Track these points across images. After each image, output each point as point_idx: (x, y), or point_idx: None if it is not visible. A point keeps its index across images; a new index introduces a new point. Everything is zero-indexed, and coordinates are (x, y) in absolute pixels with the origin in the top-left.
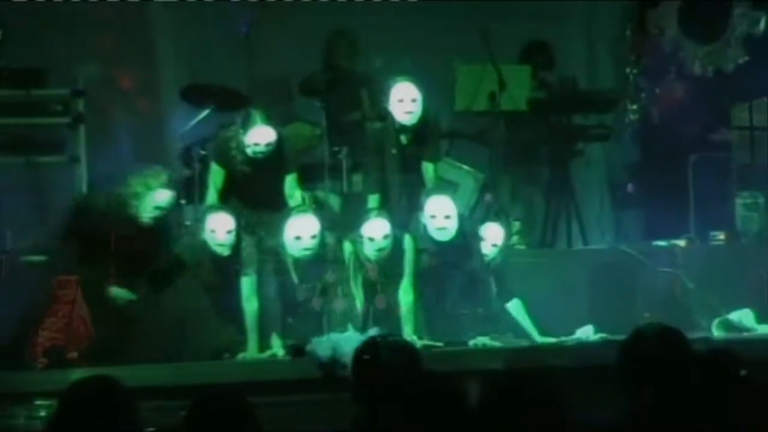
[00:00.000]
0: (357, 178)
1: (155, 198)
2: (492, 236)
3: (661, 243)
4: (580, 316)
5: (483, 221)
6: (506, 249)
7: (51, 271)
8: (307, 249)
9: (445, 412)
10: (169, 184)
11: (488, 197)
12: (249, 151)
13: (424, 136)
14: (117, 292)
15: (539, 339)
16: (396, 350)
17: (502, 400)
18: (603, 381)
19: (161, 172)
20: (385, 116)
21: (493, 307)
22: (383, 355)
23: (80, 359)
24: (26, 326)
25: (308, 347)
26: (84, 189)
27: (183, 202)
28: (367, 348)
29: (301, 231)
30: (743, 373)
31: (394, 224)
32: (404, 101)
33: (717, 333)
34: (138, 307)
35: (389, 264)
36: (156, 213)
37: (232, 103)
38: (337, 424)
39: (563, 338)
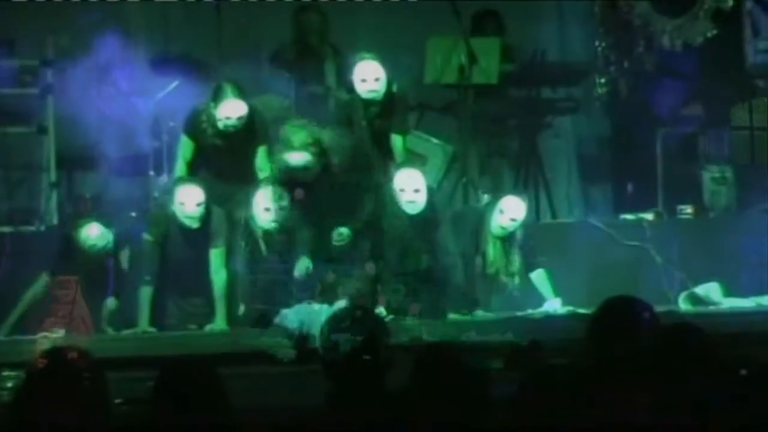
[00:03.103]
0: None
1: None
2: (511, 210)
3: (629, 216)
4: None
5: (451, 194)
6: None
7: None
8: (275, 221)
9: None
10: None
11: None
12: (220, 124)
13: (391, 109)
14: None
15: (560, 310)
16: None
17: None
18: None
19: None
20: (352, 89)
21: (459, 279)
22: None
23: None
24: None
25: (276, 319)
26: (52, 160)
27: (152, 173)
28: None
29: (270, 203)
30: (743, 372)
31: None
32: (367, 81)
33: (684, 306)
34: None
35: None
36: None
37: (202, 75)
38: (306, 395)
39: (530, 311)
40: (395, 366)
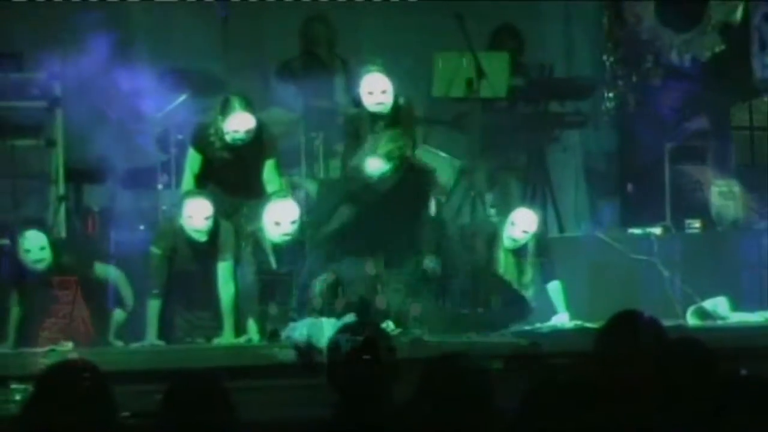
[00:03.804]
0: (333, 163)
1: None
2: (522, 222)
3: (637, 231)
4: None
5: (459, 208)
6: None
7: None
8: (286, 234)
9: None
10: None
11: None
12: (228, 137)
13: (398, 123)
14: None
15: (567, 324)
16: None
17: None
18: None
19: None
20: (360, 102)
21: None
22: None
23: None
24: None
25: (284, 332)
26: (61, 173)
27: (160, 186)
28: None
29: (280, 216)
30: (744, 372)
31: None
32: (374, 93)
33: (692, 321)
34: None
35: None
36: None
37: (209, 88)
38: (314, 409)
39: (538, 325)
40: (397, 369)
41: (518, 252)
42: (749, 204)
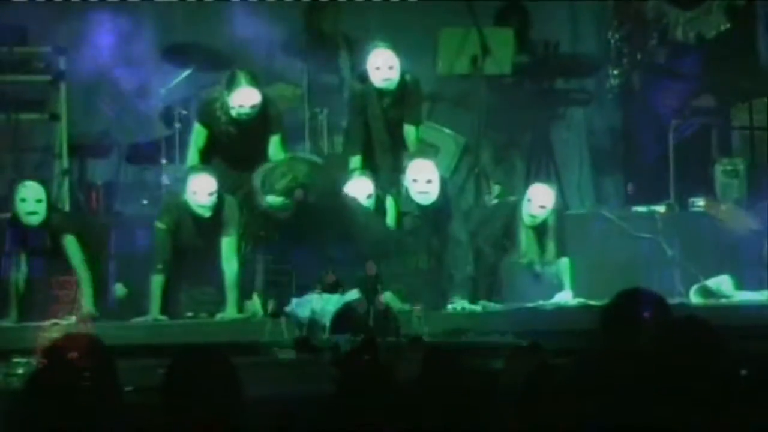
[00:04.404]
0: (338, 139)
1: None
2: (539, 198)
3: (641, 209)
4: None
5: (463, 185)
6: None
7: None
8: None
9: None
10: None
11: None
12: (233, 112)
13: (404, 99)
14: None
15: (571, 302)
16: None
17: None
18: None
19: None
20: (365, 78)
21: (469, 271)
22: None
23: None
24: None
25: (288, 308)
26: (64, 148)
27: (164, 161)
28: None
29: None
30: (744, 372)
31: (377, 185)
32: (381, 69)
33: (695, 299)
34: None
35: None
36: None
37: (214, 63)
38: (316, 385)
39: (541, 302)
40: (397, 368)
41: (538, 229)
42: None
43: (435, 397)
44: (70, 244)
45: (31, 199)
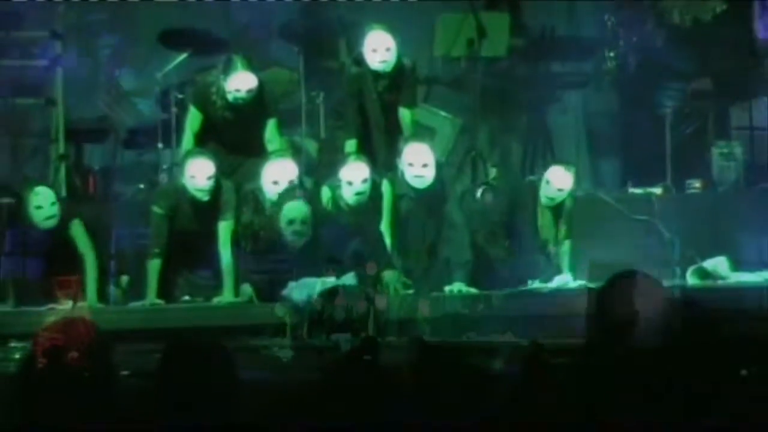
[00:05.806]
0: (334, 123)
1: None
2: (557, 180)
3: (638, 191)
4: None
5: (459, 167)
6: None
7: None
8: None
9: None
10: None
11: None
12: (230, 96)
13: (400, 82)
14: None
15: (570, 284)
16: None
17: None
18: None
19: None
20: (361, 61)
21: (466, 254)
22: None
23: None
24: None
25: (284, 291)
26: (61, 132)
27: (160, 145)
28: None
29: (278, 176)
30: (744, 372)
31: (373, 169)
32: (378, 51)
33: (691, 281)
34: None
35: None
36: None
37: (210, 48)
38: (311, 369)
39: (540, 285)
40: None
41: (555, 210)
42: None
43: (435, 397)
44: (77, 228)
45: (46, 205)
